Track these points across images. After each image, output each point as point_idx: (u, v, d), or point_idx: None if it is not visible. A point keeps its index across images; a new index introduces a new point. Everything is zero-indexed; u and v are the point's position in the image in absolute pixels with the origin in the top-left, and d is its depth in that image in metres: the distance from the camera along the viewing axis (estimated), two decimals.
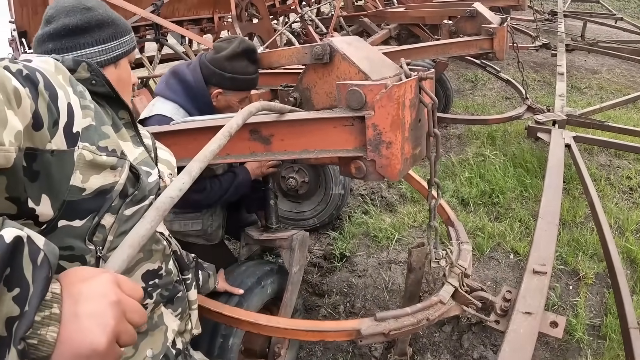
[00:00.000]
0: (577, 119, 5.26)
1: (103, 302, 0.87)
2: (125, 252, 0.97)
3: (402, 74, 2.06)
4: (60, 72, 1.15)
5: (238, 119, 1.41)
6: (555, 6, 12.54)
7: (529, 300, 2.43)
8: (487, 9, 5.12)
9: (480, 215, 4.45)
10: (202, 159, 1.18)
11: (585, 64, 9.38)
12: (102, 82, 1.31)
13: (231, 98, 2.65)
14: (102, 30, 1.55)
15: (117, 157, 1.21)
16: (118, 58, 1.61)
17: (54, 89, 1.05)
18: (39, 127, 0.97)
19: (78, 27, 1.50)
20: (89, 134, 1.14)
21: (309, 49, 2.14)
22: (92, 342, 0.83)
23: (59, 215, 1.08)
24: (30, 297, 0.77)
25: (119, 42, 1.60)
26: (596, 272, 3.76)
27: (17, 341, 0.73)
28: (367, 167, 1.92)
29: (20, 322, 0.74)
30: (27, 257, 0.78)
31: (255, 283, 2.61)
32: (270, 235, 2.89)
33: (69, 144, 1.06)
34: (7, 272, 0.74)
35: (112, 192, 1.19)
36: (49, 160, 1.00)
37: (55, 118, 1.03)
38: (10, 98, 0.89)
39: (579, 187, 4.79)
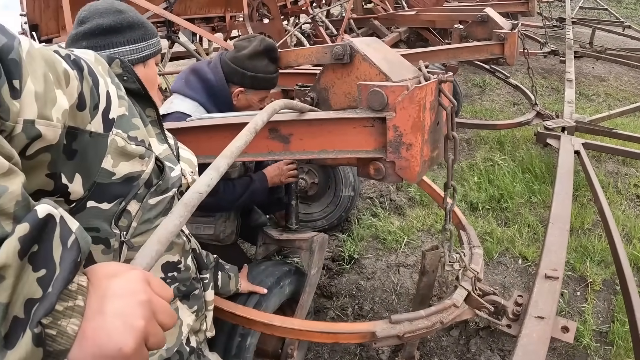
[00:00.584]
0: (586, 126, 5.25)
1: (132, 300, 0.82)
2: (153, 248, 0.93)
3: (421, 76, 2.06)
4: (100, 63, 1.20)
5: (263, 116, 1.41)
6: (563, 13, 12.53)
7: (541, 305, 2.42)
8: (498, 14, 5.12)
9: (489, 220, 4.45)
10: (229, 155, 1.17)
11: (593, 71, 9.37)
12: (133, 78, 1.37)
13: (252, 97, 2.66)
14: (133, 32, 1.65)
15: (145, 147, 1.26)
16: (147, 58, 1.72)
17: (95, 76, 1.10)
18: (82, 108, 1.03)
19: (111, 27, 1.60)
20: (122, 122, 1.19)
21: (329, 48, 2.14)
22: (118, 343, 0.77)
23: (88, 196, 1.12)
24: (55, 279, 0.74)
25: (148, 44, 1.71)
26: (604, 278, 3.77)
27: (35, 324, 0.70)
28: (386, 169, 1.92)
29: (41, 304, 0.71)
30: (57, 238, 0.77)
31: (274, 283, 2.60)
32: (291, 235, 2.90)
33: (105, 128, 1.11)
34: (35, 250, 0.73)
35: (139, 180, 1.24)
36: (87, 140, 1.05)
37: (96, 102, 1.09)
38: (60, 78, 0.96)
39: (587, 194, 4.79)
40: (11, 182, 0.73)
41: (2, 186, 0.71)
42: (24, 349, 0.68)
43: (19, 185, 0.74)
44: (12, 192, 0.72)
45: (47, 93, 0.91)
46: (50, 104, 0.91)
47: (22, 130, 0.85)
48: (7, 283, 0.67)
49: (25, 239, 0.70)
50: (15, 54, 0.84)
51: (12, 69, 0.83)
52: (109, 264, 0.89)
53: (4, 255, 0.66)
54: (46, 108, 0.90)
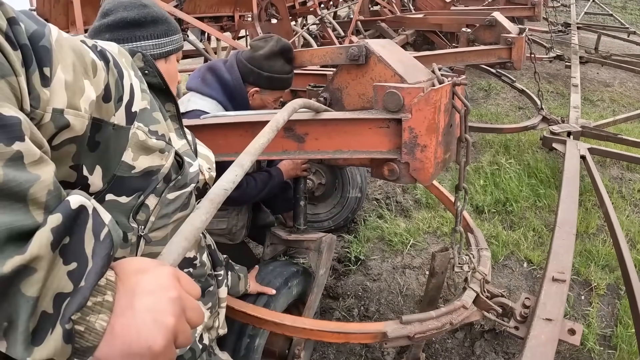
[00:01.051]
0: (591, 131, 5.26)
1: (163, 297, 0.79)
2: (180, 244, 0.91)
3: (435, 78, 2.07)
4: (123, 55, 1.19)
5: (284, 114, 1.42)
6: (568, 18, 12.52)
7: (549, 307, 2.43)
8: (505, 19, 5.13)
9: (494, 224, 4.46)
10: (253, 151, 1.19)
11: (598, 76, 9.38)
12: (155, 72, 1.36)
13: (267, 97, 2.67)
14: (156, 26, 1.66)
15: (165, 142, 1.25)
16: (169, 53, 1.72)
17: (120, 68, 1.10)
18: (108, 100, 1.02)
19: (135, 20, 1.60)
20: (144, 116, 1.18)
21: (345, 49, 2.15)
22: (147, 340, 0.75)
23: (107, 189, 1.10)
24: (88, 273, 0.72)
25: (171, 39, 1.71)
26: (608, 282, 3.78)
27: (66, 319, 0.68)
28: (400, 170, 1.93)
29: (73, 298, 0.70)
30: (89, 230, 0.75)
31: (282, 283, 2.60)
32: (299, 236, 2.90)
33: (127, 121, 1.10)
34: (66, 242, 0.71)
35: (158, 174, 1.23)
36: (109, 133, 1.04)
37: (121, 94, 1.08)
38: (87, 68, 0.95)
39: (592, 199, 4.80)
40: (43, 171, 0.71)
41: (34, 174, 0.69)
42: (53, 346, 0.66)
43: (51, 174, 0.73)
44: (44, 181, 0.70)
45: (76, 82, 0.91)
46: (79, 94, 0.91)
47: (51, 120, 0.84)
48: (38, 276, 0.65)
49: (57, 230, 0.69)
50: (46, 41, 0.84)
51: (43, 56, 0.83)
52: (136, 258, 0.88)
53: (36, 246, 0.65)
54: (75, 98, 0.90)
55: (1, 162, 0.64)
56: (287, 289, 2.63)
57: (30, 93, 0.79)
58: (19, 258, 0.62)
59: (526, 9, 8.25)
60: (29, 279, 0.64)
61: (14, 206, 0.65)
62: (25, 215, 0.66)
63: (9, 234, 0.63)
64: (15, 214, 0.65)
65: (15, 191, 0.65)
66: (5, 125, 0.67)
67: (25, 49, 0.78)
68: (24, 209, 0.66)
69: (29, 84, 0.79)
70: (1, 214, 0.63)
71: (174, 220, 1.35)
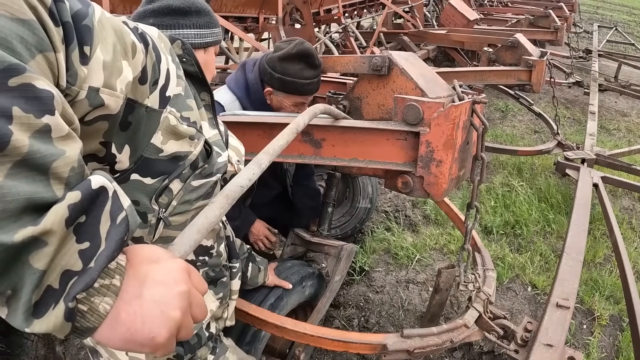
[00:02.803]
0: (605, 160, 5.24)
1: (173, 290, 0.79)
2: (192, 236, 0.92)
3: (455, 95, 2.07)
4: (162, 40, 1.20)
5: (304, 118, 1.43)
6: (590, 44, 12.51)
7: (550, 333, 2.43)
8: (527, 41, 5.14)
9: (502, 245, 4.44)
10: (271, 152, 1.20)
11: (616, 105, 9.35)
12: (192, 61, 1.37)
13: (282, 99, 2.63)
14: (199, 17, 1.68)
15: (196, 129, 1.26)
16: (208, 45, 1.74)
17: (159, 52, 1.11)
18: (144, 82, 1.03)
19: (180, 9, 1.63)
20: (177, 101, 1.19)
21: (368, 59, 2.15)
22: (152, 331, 0.75)
23: (133, 168, 1.13)
24: (99, 254, 0.72)
25: (211, 31, 1.73)
26: (611, 313, 3.75)
27: (71, 298, 0.68)
28: (414, 183, 1.94)
29: (80, 277, 0.69)
30: (107, 212, 0.75)
31: (297, 282, 2.62)
32: (322, 240, 2.90)
33: (160, 105, 1.11)
34: (82, 220, 0.71)
35: (185, 160, 1.25)
36: (142, 114, 1.05)
37: (156, 78, 1.09)
38: (127, 49, 0.97)
39: (601, 228, 4.78)
40: (69, 147, 0.71)
41: (59, 149, 0.69)
42: (53, 321, 0.67)
43: (77, 152, 0.73)
44: (69, 157, 0.70)
45: (115, 63, 0.92)
46: (116, 74, 0.92)
47: (86, 97, 0.85)
48: (48, 250, 0.65)
49: (74, 208, 0.69)
50: (88, 20, 0.85)
51: (84, 35, 0.84)
52: (149, 246, 0.86)
53: (50, 220, 0.65)
54: (112, 78, 0.91)
55: (29, 133, 0.65)
56: (301, 288, 2.64)
57: (68, 70, 0.80)
58: (31, 229, 0.63)
59: (549, 33, 8.26)
60: (38, 252, 0.65)
61: (35, 177, 0.66)
62: (45, 188, 0.67)
63: (27, 204, 0.64)
64: (35, 185, 0.65)
65: (38, 163, 0.66)
66: (38, 97, 0.67)
67: (67, 27, 0.79)
68: (45, 181, 0.67)
69: (68, 60, 0.80)
70: (22, 183, 0.64)
71: (195, 207, 1.36)
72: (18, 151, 0.63)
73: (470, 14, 8.59)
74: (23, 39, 0.69)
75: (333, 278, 2.75)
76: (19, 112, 0.64)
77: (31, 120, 0.65)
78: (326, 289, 2.75)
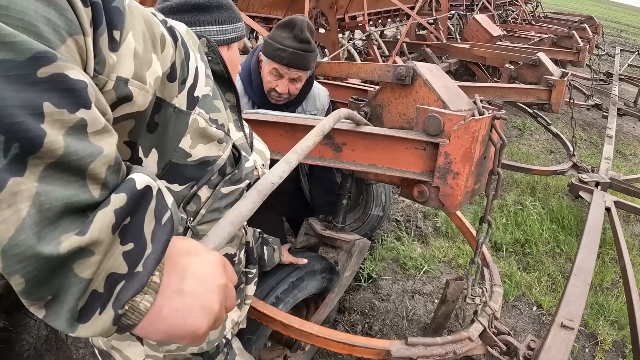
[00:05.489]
0: (619, 184, 5.23)
1: (212, 284, 0.80)
2: (226, 228, 0.93)
3: (476, 109, 2.09)
4: (191, 37, 1.12)
5: (330, 120, 1.46)
6: (611, 68, 12.45)
7: (553, 352, 2.43)
8: (549, 60, 5.14)
9: (510, 263, 4.44)
10: (300, 152, 1.23)
11: (634, 130, 9.32)
12: (218, 59, 1.32)
13: (265, 65, 2.63)
14: (220, 12, 1.57)
15: (224, 132, 1.19)
16: (231, 41, 1.63)
17: (187, 49, 1.03)
18: (173, 80, 0.95)
19: (200, 4, 1.52)
20: (205, 102, 1.13)
21: (392, 68, 2.17)
22: (193, 325, 0.76)
23: (161, 174, 1.05)
24: (147, 258, 0.70)
25: (234, 27, 1.62)
26: (614, 339, 3.73)
27: (120, 305, 0.67)
28: (430, 193, 1.96)
29: (129, 283, 0.68)
30: (151, 212, 0.72)
31: (320, 270, 2.67)
32: (333, 233, 2.89)
33: (188, 106, 1.03)
34: (126, 222, 0.68)
35: (214, 165, 1.18)
36: (169, 115, 0.97)
37: (185, 77, 1.01)
38: (156, 42, 0.89)
39: (611, 252, 4.77)
40: (105, 143, 0.67)
41: (96, 147, 0.64)
42: (100, 326, 0.66)
43: (113, 147, 0.68)
44: (106, 156, 0.66)
45: (145, 54, 0.84)
46: (146, 66, 0.84)
47: (113, 88, 0.77)
48: (95, 259, 0.63)
49: (121, 212, 0.66)
50: (119, 2, 0.77)
51: (114, 17, 0.76)
52: (185, 239, 0.85)
53: (97, 229, 0.62)
54: (142, 69, 0.83)
55: (62, 130, 0.60)
56: (321, 277, 2.68)
57: (96, 56, 0.72)
58: (77, 239, 0.60)
59: (571, 54, 8.25)
60: (84, 261, 0.62)
61: (71, 179, 0.62)
62: (82, 190, 0.63)
63: (65, 209, 0.61)
64: (72, 188, 0.62)
65: (75, 165, 0.61)
66: (71, 89, 0.61)
67: (96, 7, 0.71)
68: (81, 182, 0.63)
69: (95, 46, 0.72)
70: (58, 187, 0.60)
71: None
72: (53, 153, 0.59)
73: (493, 30, 8.59)
74: (50, 21, 0.62)
75: (343, 273, 2.74)
76: (51, 108, 0.59)
77: (65, 116, 0.60)
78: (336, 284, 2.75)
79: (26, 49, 0.57)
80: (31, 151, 0.57)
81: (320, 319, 2.57)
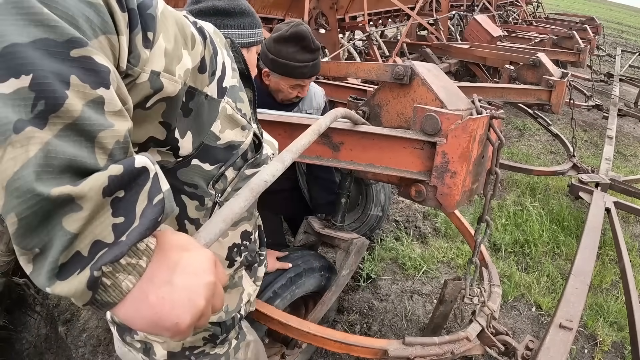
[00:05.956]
0: (619, 185, 5.21)
1: (202, 279, 0.82)
2: (218, 225, 0.94)
3: (474, 109, 2.09)
4: (218, 36, 1.28)
5: (326, 120, 1.47)
6: (612, 69, 12.45)
7: (552, 353, 2.42)
8: (549, 61, 5.14)
9: (509, 263, 4.43)
10: (294, 150, 1.24)
11: (634, 131, 9.32)
12: (240, 59, 1.44)
13: (279, 81, 2.65)
14: (243, 18, 1.75)
15: (246, 120, 1.35)
16: (251, 44, 1.80)
17: (215, 46, 1.19)
18: (203, 71, 1.12)
19: (225, 10, 1.70)
20: (232, 92, 1.29)
21: (390, 67, 2.17)
22: (177, 317, 0.78)
23: (195, 154, 1.22)
24: (131, 230, 0.74)
25: (254, 32, 1.80)
26: (614, 340, 3.73)
27: (97, 267, 0.70)
28: (427, 192, 1.96)
29: (110, 249, 0.71)
30: (145, 192, 0.77)
31: (319, 267, 2.69)
32: (331, 232, 2.89)
33: (218, 95, 1.21)
34: (120, 195, 0.73)
35: (238, 149, 1.34)
36: (202, 102, 1.15)
37: (214, 69, 1.18)
38: (187, 40, 1.05)
39: (610, 253, 4.76)
40: (118, 122, 0.74)
41: (109, 121, 0.73)
42: (75, 286, 0.68)
43: (125, 128, 0.76)
44: (116, 131, 0.73)
45: (175, 51, 0.99)
46: (176, 61, 0.99)
47: (148, 80, 0.92)
48: (81, 214, 0.67)
49: (114, 180, 0.71)
50: (152, 10, 0.92)
51: (149, 22, 0.91)
52: (179, 234, 0.88)
53: (88, 185, 0.67)
54: (172, 64, 0.98)
55: (83, 101, 0.69)
56: (320, 275, 2.71)
57: (131, 52, 0.87)
58: (68, 187, 0.65)
59: (571, 54, 8.22)
60: (72, 214, 0.67)
61: (82, 143, 0.69)
62: (89, 154, 0.69)
63: (69, 164, 0.67)
64: (80, 150, 0.68)
65: (87, 129, 0.69)
66: (95, 70, 0.72)
67: (132, 13, 0.86)
68: (90, 148, 0.70)
69: (131, 43, 0.87)
70: (69, 145, 0.67)
71: None
72: (70, 114, 0.67)
73: (494, 30, 8.58)
74: (88, 19, 0.75)
75: (341, 272, 2.74)
76: (77, 81, 0.69)
77: (87, 90, 0.70)
78: (333, 282, 2.75)
79: (65, 33, 0.69)
80: (53, 109, 0.66)
81: (317, 317, 2.57)
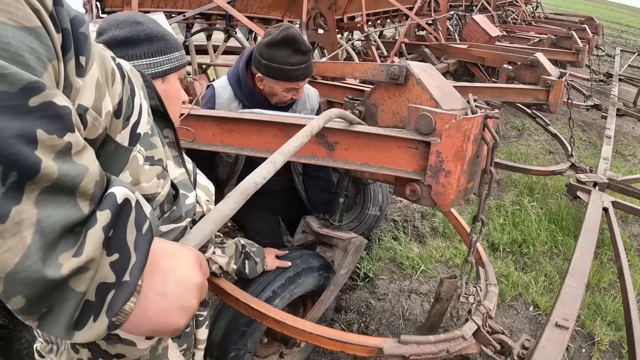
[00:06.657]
0: (618, 185, 5.21)
1: (191, 283, 0.86)
2: (207, 227, 0.96)
3: (469, 108, 2.10)
4: (134, 75, 1.10)
5: (319, 121, 1.47)
6: (611, 68, 12.44)
7: (547, 352, 2.42)
8: (547, 61, 5.14)
9: (507, 263, 4.44)
10: (286, 152, 1.24)
11: (633, 131, 9.32)
12: (153, 94, 1.27)
13: (273, 85, 2.65)
14: (150, 44, 1.53)
15: (162, 167, 1.16)
16: (166, 73, 1.58)
17: (133, 86, 1.02)
18: (118, 116, 0.93)
19: (127, 38, 1.48)
20: (144, 140, 1.09)
21: (386, 67, 2.18)
22: (175, 324, 0.84)
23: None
24: (133, 266, 0.75)
25: (168, 58, 1.58)
26: (611, 339, 3.73)
27: (114, 313, 0.72)
28: (422, 192, 1.97)
29: (119, 292, 0.72)
30: (132, 223, 0.76)
31: (318, 267, 2.70)
32: (330, 231, 2.89)
33: (130, 142, 1.01)
34: (110, 235, 0.71)
35: (153, 202, 1.15)
36: (111, 151, 0.95)
37: (129, 114, 0.99)
38: (108, 77, 0.89)
39: (608, 253, 4.76)
40: (88, 160, 0.70)
41: (82, 166, 0.68)
42: (96, 333, 0.71)
43: (95, 163, 0.72)
44: (92, 173, 0.69)
45: (103, 86, 0.85)
46: (102, 99, 0.85)
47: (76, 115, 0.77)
48: (88, 275, 0.68)
49: (107, 228, 0.70)
50: (85, 28, 0.79)
51: (82, 44, 0.78)
52: (163, 241, 0.89)
53: (91, 248, 0.67)
54: (100, 101, 0.84)
55: (52, 155, 0.63)
56: (318, 274, 2.71)
57: (65, 80, 0.74)
58: (76, 260, 0.65)
59: (570, 54, 8.22)
60: (80, 277, 0.67)
61: (63, 200, 0.65)
62: (74, 209, 0.66)
63: (63, 230, 0.64)
64: (65, 209, 0.65)
65: (67, 186, 0.65)
66: (59, 115, 0.64)
67: (65, 34, 0.73)
68: (72, 201, 0.66)
69: (65, 70, 0.74)
70: (54, 209, 0.63)
71: None
72: (48, 177, 0.62)
73: (492, 30, 8.58)
74: (33, 50, 0.64)
75: (339, 271, 2.74)
76: (43, 135, 0.61)
77: (55, 142, 0.63)
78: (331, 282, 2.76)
79: (18, 80, 0.59)
80: (28, 177, 0.59)
81: (315, 317, 2.58)
